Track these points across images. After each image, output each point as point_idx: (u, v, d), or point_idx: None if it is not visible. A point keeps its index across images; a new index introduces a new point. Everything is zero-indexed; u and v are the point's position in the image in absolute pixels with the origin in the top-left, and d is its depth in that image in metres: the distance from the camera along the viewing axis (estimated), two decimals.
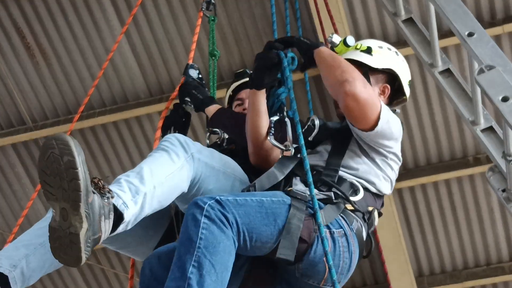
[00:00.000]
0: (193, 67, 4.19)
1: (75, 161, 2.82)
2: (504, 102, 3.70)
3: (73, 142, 2.85)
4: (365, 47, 3.85)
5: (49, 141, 2.87)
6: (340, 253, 3.29)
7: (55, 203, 2.86)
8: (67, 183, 2.82)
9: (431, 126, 7.81)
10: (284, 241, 3.15)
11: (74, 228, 2.84)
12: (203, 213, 3.00)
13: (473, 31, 4.12)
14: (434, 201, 8.24)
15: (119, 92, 7.87)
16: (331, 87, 3.48)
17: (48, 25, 7.57)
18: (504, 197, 4.17)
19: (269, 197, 3.23)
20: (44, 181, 2.88)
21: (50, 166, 2.84)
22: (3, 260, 3.13)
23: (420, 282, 8.64)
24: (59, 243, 2.87)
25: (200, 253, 2.94)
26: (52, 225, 2.89)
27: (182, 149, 3.32)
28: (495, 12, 7.21)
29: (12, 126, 8.11)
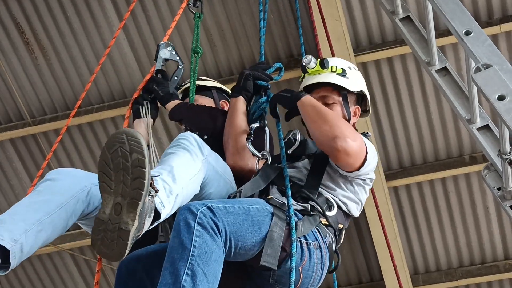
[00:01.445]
0: (163, 46, 4.15)
1: (145, 160, 2.81)
2: (500, 100, 3.72)
3: (143, 140, 2.84)
4: (340, 70, 3.86)
5: (119, 135, 2.85)
6: (314, 265, 3.34)
7: (110, 197, 2.84)
8: (130, 180, 2.80)
9: (427, 125, 7.83)
10: (267, 249, 3.18)
11: (125, 225, 2.82)
12: (196, 219, 2.99)
13: (470, 30, 4.13)
14: (430, 200, 8.27)
15: (117, 88, 7.89)
16: (319, 141, 3.49)
17: (47, 21, 7.58)
18: (499, 196, 4.18)
19: (254, 205, 3.25)
20: (103, 173, 2.86)
21: (115, 160, 2.82)
22: (3, 232, 3.03)
23: (415, 280, 8.67)
24: (103, 235, 2.85)
25: (194, 261, 2.93)
26: (101, 217, 2.86)
27: (199, 150, 3.31)
28: (492, 12, 7.23)
29: (10, 121, 8.12)
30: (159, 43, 4.19)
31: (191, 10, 4.66)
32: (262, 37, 4.66)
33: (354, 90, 3.86)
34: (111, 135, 2.87)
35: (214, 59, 7.65)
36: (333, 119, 3.47)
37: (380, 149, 7.91)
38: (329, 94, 3.81)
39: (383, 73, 7.57)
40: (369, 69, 7.52)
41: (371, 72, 7.54)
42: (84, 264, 8.94)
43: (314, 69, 3.86)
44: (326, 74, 3.84)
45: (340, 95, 3.81)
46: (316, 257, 3.35)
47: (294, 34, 7.42)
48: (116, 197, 2.84)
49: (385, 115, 7.79)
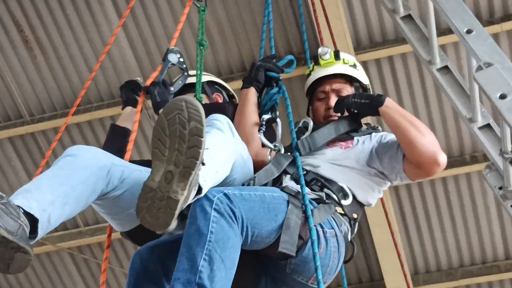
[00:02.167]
0: (173, 51, 4.15)
1: (203, 130, 2.78)
2: (502, 99, 3.71)
3: (203, 110, 2.81)
4: (352, 63, 3.93)
5: (178, 102, 2.82)
6: (331, 253, 3.32)
7: (162, 164, 2.81)
8: (186, 148, 2.77)
9: (428, 124, 7.80)
10: (285, 236, 3.16)
11: (175, 194, 2.79)
12: (213, 206, 2.97)
13: (472, 28, 4.12)
14: (430, 199, 8.25)
15: (116, 86, 7.86)
16: (417, 153, 3.49)
17: (46, 18, 7.56)
18: (500, 195, 4.18)
19: (270, 192, 3.24)
20: (158, 139, 2.83)
21: (171, 126, 2.79)
22: (31, 201, 2.95)
23: (416, 280, 8.65)
24: (150, 203, 2.81)
25: (211, 247, 2.91)
26: (150, 184, 2.82)
27: (231, 133, 3.28)
28: (493, 11, 7.21)
29: (9, 119, 8.10)
30: (169, 48, 4.19)
31: (195, 4, 4.66)
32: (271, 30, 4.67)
33: (365, 82, 3.89)
34: (171, 101, 2.84)
35: (213, 57, 7.63)
36: (427, 132, 3.51)
37: None
38: (343, 86, 3.86)
39: (384, 72, 7.55)
40: (370, 67, 7.50)
41: (372, 70, 7.52)
42: (83, 263, 8.93)
43: (328, 60, 3.87)
44: (339, 66, 3.89)
45: (352, 86, 3.83)
46: (333, 245, 3.33)
47: (294, 32, 7.40)
48: (169, 165, 2.80)
49: None
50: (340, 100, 3.73)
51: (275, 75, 3.94)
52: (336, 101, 3.75)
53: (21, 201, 2.95)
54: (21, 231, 2.85)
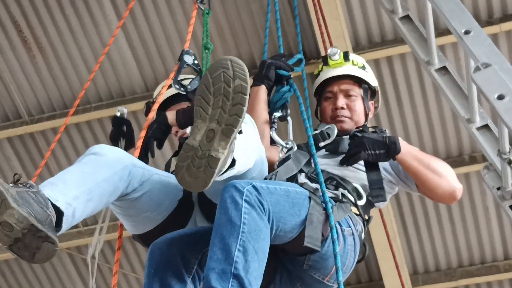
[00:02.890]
0: (188, 53, 4.17)
1: (247, 87, 2.78)
2: (500, 100, 3.73)
3: (246, 69, 2.83)
4: (361, 64, 3.92)
5: (224, 61, 2.82)
6: (348, 252, 3.34)
7: (204, 123, 2.80)
8: (230, 106, 2.77)
9: (427, 124, 7.81)
10: (309, 231, 3.16)
11: (215, 152, 2.78)
12: (243, 197, 2.96)
13: (470, 29, 4.14)
14: (429, 200, 8.23)
15: (115, 87, 7.87)
16: (437, 195, 3.60)
17: (45, 18, 7.56)
18: (499, 195, 4.19)
19: (293, 187, 3.24)
20: (201, 97, 2.82)
21: (216, 85, 2.79)
22: (57, 194, 2.95)
23: (415, 280, 8.65)
24: (190, 162, 2.80)
25: (245, 238, 2.91)
26: (190, 143, 2.81)
27: (254, 128, 3.27)
28: (492, 11, 7.21)
29: (8, 119, 8.09)
30: (184, 49, 4.22)
31: (200, 7, 4.66)
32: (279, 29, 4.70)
33: (374, 84, 3.89)
34: (216, 61, 2.85)
35: (213, 58, 7.62)
36: (442, 170, 3.56)
37: None
38: (352, 87, 3.86)
39: (383, 72, 7.55)
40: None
41: None
42: (82, 263, 8.93)
43: (337, 61, 3.87)
44: (348, 67, 3.88)
45: (361, 88, 3.83)
46: (350, 244, 3.34)
47: (293, 33, 7.40)
48: (211, 123, 2.80)
49: (385, 115, 7.77)
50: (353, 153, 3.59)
51: (286, 73, 3.96)
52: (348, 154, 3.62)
53: (48, 192, 2.94)
54: (49, 221, 2.85)
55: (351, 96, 3.82)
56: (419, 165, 3.53)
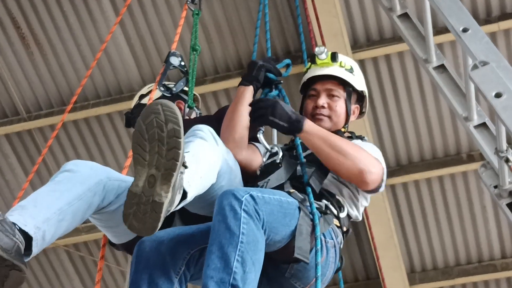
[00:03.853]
0: (175, 55, 4.17)
1: (180, 130, 2.78)
2: (497, 98, 3.72)
3: (179, 111, 2.81)
4: (349, 66, 3.85)
5: (154, 106, 2.81)
6: (329, 263, 3.36)
7: (144, 169, 2.81)
8: (165, 151, 2.77)
9: (425, 122, 7.82)
10: (299, 242, 3.17)
11: (159, 197, 2.78)
12: (242, 206, 2.97)
13: (468, 27, 4.13)
14: (427, 198, 8.26)
15: (113, 84, 7.87)
16: (343, 176, 3.47)
17: (43, 15, 7.56)
18: (496, 194, 4.18)
19: (285, 197, 3.24)
20: (138, 145, 2.83)
21: (150, 131, 2.79)
22: (26, 218, 2.98)
23: (412, 278, 8.65)
24: (136, 209, 2.81)
25: (244, 248, 2.92)
26: (134, 190, 2.82)
27: (214, 141, 3.27)
28: (490, 9, 7.22)
29: (5, 116, 8.10)
30: (171, 51, 4.20)
31: (189, 8, 4.64)
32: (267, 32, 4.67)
33: (359, 88, 3.87)
34: (147, 106, 2.84)
35: (211, 55, 7.63)
36: (351, 151, 3.43)
37: (377, 146, 7.85)
38: (336, 88, 3.81)
39: (381, 70, 7.55)
40: (367, 66, 7.50)
41: (369, 69, 7.52)
42: (79, 260, 8.93)
43: (324, 61, 3.85)
44: (335, 68, 3.84)
45: (345, 91, 3.82)
46: (332, 256, 3.36)
47: (291, 30, 7.40)
48: (150, 169, 2.80)
49: (383, 113, 7.77)
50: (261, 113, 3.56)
51: (275, 78, 3.92)
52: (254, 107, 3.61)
53: (16, 217, 2.96)
54: (16, 249, 2.87)
55: (334, 96, 3.79)
56: (322, 144, 3.44)
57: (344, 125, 3.83)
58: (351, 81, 3.82)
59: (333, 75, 3.81)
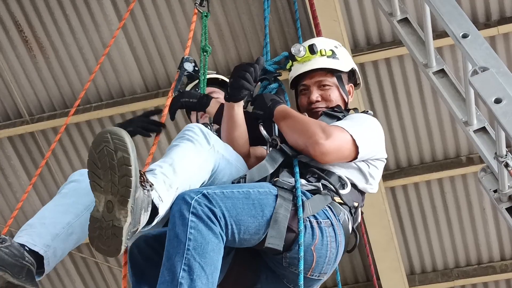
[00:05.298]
0: (188, 60, 4.18)
1: (130, 158, 2.82)
2: (497, 103, 3.73)
3: (128, 138, 2.85)
4: (330, 52, 3.86)
5: (103, 134, 2.86)
6: (328, 243, 3.31)
7: (101, 195, 2.86)
8: (118, 178, 2.82)
9: (425, 125, 7.85)
10: (272, 231, 3.16)
11: (118, 222, 2.83)
12: (190, 209, 2.98)
13: (468, 33, 4.15)
14: (426, 200, 8.28)
15: (115, 87, 7.90)
16: (297, 149, 3.50)
17: (46, 19, 7.59)
18: (495, 198, 4.19)
19: (256, 188, 3.24)
20: (92, 172, 2.88)
21: (101, 159, 2.84)
22: (35, 237, 3.06)
23: (411, 280, 8.68)
24: (99, 233, 2.86)
25: (190, 255, 2.93)
26: (95, 215, 2.88)
27: (205, 140, 3.29)
28: (490, 14, 7.25)
29: (8, 119, 8.13)
30: (184, 56, 4.23)
31: (198, 10, 4.67)
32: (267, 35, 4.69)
33: (346, 69, 3.88)
34: (97, 135, 2.90)
35: (212, 58, 7.65)
36: (301, 125, 3.46)
37: None
38: (324, 78, 3.83)
39: (381, 73, 7.58)
40: (367, 69, 7.54)
41: (369, 72, 7.55)
42: (81, 261, 8.95)
43: (304, 56, 3.86)
44: (316, 59, 3.84)
45: (334, 76, 3.83)
46: (329, 235, 3.31)
47: (292, 33, 7.43)
48: (107, 195, 2.85)
49: (383, 116, 7.80)
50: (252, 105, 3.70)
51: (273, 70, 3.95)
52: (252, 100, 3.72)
53: (25, 238, 3.04)
54: (27, 271, 2.96)
55: (325, 86, 3.81)
56: (283, 123, 3.52)
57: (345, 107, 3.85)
58: (336, 67, 3.82)
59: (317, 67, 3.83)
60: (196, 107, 3.75)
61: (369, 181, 3.61)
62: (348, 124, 3.52)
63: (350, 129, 3.48)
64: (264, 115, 3.61)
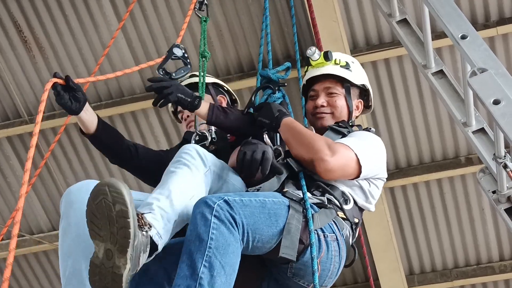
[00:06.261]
0: (179, 47, 4.17)
1: (128, 211, 2.85)
2: (496, 105, 3.74)
3: (126, 190, 2.87)
4: (344, 63, 3.90)
5: (101, 187, 2.89)
6: (332, 257, 3.37)
7: (101, 243, 2.90)
8: (117, 229, 2.86)
9: (424, 126, 7.85)
10: (286, 241, 3.20)
11: (117, 269, 2.87)
12: (213, 212, 3.02)
13: (466, 34, 4.16)
14: (425, 200, 8.29)
15: (114, 87, 7.90)
16: (303, 164, 3.52)
17: (45, 19, 7.58)
18: (494, 199, 4.21)
19: (271, 197, 3.28)
20: (91, 222, 2.91)
21: (100, 211, 2.88)
22: None
23: (411, 280, 8.69)
24: (99, 277, 2.91)
25: (211, 253, 2.97)
26: (95, 261, 2.92)
27: (201, 162, 3.33)
28: (489, 14, 7.25)
29: (7, 119, 8.12)
30: (174, 43, 4.21)
31: (197, 14, 4.67)
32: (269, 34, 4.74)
33: (357, 83, 3.90)
34: (95, 186, 2.92)
35: (211, 58, 7.65)
36: (307, 140, 3.49)
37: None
38: (333, 86, 3.86)
39: (380, 74, 7.59)
40: (366, 70, 7.45)
41: (368, 73, 7.53)
42: None
43: (318, 61, 3.90)
44: (329, 66, 3.88)
45: (343, 87, 3.86)
46: (334, 249, 3.37)
47: (291, 34, 7.42)
48: (106, 244, 2.88)
49: (382, 116, 7.81)
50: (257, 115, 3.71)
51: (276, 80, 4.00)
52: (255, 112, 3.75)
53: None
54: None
55: (332, 93, 3.84)
56: (289, 135, 3.54)
57: (348, 120, 3.87)
58: (347, 77, 3.85)
59: (329, 73, 3.86)
60: (187, 106, 3.72)
61: (369, 199, 3.66)
62: (353, 142, 3.55)
63: (355, 148, 3.51)
64: (271, 125, 3.63)
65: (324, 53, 3.89)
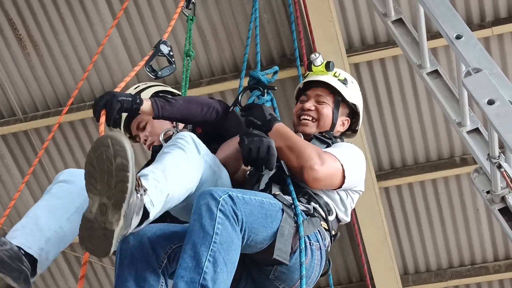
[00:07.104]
0: (166, 44, 4.17)
1: (128, 165, 2.84)
2: (490, 105, 3.75)
3: (128, 145, 2.86)
4: (343, 78, 3.94)
5: (104, 139, 2.87)
6: (314, 266, 3.41)
7: (96, 197, 2.88)
8: (114, 182, 2.84)
9: (419, 126, 7.85)
10: (279, 243, 3.22)
11: (110, 225, 2.86)
12: (218, 206, 3.03)
13: (461, 34, 4.17)
14: (420, 200, 8.29)
15: (109, 85, 7.88)
16: (292, 171, 3.53)
17: (40, 17, 7.57)
18: (488, 199, 4.21)
19: (268, 198, 3.29)
20: (89, 174, 2.90)
21: (99, 163, 2.86)
22: (29, 240, 3.12)
23: (405, 280, 8.69)
24: (90, 233, 2.89)
25: (216, 248, 2.98)
26: (87, 216, 2.90)
27: (195, 149, 3.33)
28: (484, 15, 7.25)
29: (2, 117, 8.11)
30: (161, 39, 4.20)
31: (184, 13, 4.66)
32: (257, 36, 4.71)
33: (349, 100, 3.93)
34: (97, 139, 2.91)
35: (207, 57, 7.65)
36: (298, 147, 3.51)
37: (371, 149, 7.92)
38: (325, 95, 3.90)
39: (375, 74, 7.58)
40: (362, 70, 7.54)
41: (364, 73, 7.55)
42: (74, 260, 8.95)
43: (319, 68, 3.93)
44: (328, 76, 3.93)
45: (334, 100, 3.88)
46: (317, 258, 3.41)
47: (287, 34, 7.42)
48: (102, 198, 2.87)
49: (377, 116, 7.80)
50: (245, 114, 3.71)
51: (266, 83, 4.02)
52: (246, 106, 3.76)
53: (20, 240, 3.10)
54: (25, 277, 3.03)
55: (322, 102, 3.89)
56: (281, 141, 3.54)
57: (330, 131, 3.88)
58: (340, 90, 3.89)
59: (324, 81, 3.88)
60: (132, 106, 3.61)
61: (347, 211, 3.69)
62: (339, 153, 3.58)
63: (341, 158, 3.55)
64: (262, 127, 3.63)
65: (326, 63, 3.92)
